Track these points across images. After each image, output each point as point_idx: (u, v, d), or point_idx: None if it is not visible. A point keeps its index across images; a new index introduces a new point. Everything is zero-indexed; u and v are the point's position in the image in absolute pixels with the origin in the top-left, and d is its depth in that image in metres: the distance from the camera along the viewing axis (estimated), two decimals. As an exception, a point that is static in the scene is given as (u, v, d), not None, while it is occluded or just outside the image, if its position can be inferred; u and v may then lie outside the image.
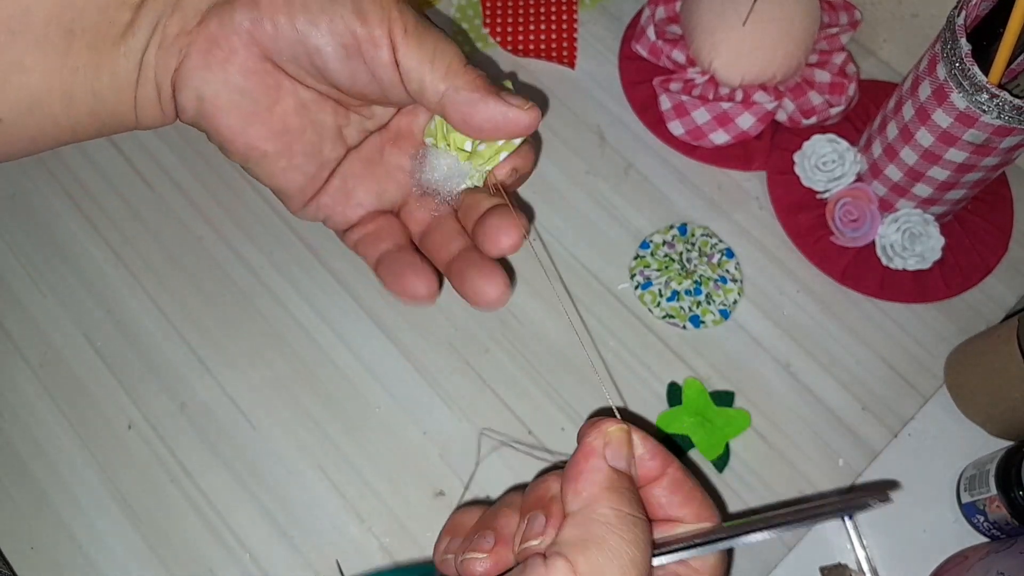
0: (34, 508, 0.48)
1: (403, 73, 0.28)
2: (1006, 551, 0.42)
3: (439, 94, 0.29)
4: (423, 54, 0.28)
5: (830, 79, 0.57)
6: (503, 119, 0.29)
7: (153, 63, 0.27)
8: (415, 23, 0.28)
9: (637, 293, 0.54)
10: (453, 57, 0.29)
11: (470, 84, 0.29)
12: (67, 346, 0.52)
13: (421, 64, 0.28)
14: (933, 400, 0.51)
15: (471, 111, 0.29)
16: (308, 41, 0.27)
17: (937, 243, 0.52)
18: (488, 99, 0.29)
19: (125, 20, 0.26)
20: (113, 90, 0.27)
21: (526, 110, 0.29)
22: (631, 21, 0.63)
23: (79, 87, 0.26)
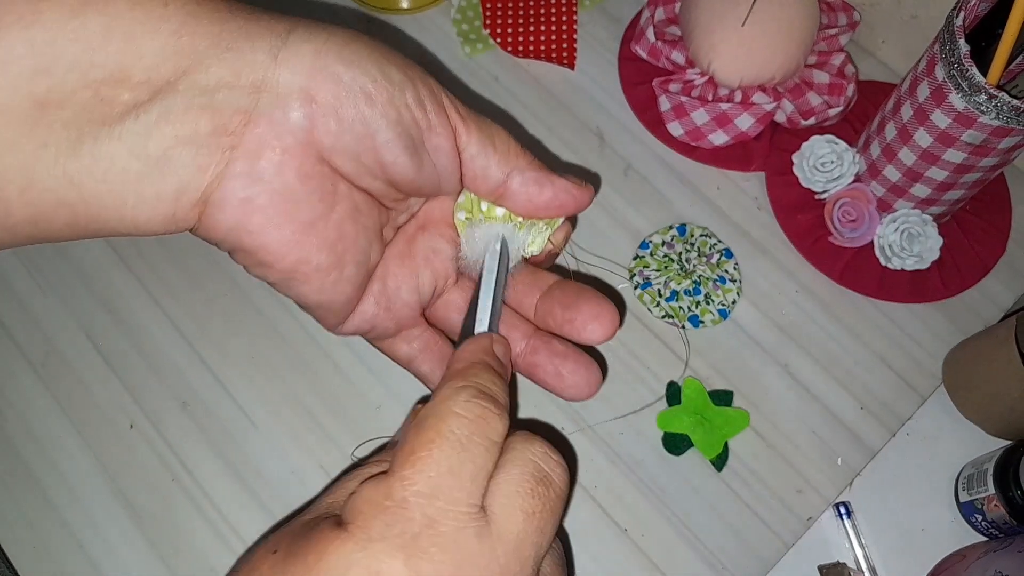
0: (36, 507, 0.48)
1: (466, 160, 0.27)
2: (1004, 550, 0.42)
3: (503, 177, 0.28)
4: (484, 139, 0.27)
5: (829, 80, 0.57)
6: (567, 197, 0.29)
7: (178, 161, 0.23)
8: (466, 108, 0.27)
9: (636, 293, 0.54)
10: (509, 139, 0.28)
11: (532, 165, 0.28)
12: (69, 345, 0.52)
13: (484, 149, 0.27)
14: (931, 400, 0.52)
15: (537, 191, 0.28)
16: (377, 136, 0.25)
17: (935, 243, 0.52)
18: (553, 179, 0.29)
19: (125, 101, 0.22)
20: (96, 179, 0.22)
21: (582, 188, 0.29)
22: (630, 22, 0.63)
23: (44, 169, 0.21)
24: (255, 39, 0.23)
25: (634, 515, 0.48)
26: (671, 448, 0.50)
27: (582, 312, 0.29)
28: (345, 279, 0.27)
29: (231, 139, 0.23)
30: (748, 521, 0.48)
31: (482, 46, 0.62)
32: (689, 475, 0.49)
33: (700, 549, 0.47)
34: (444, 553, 0.21)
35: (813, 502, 0.49)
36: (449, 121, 0.26)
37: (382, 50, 0.25)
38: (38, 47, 0.21)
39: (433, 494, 0.22)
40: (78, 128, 0.22)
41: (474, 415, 0.24)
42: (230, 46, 0.23)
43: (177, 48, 0.22)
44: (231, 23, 0.23)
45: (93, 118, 0.22)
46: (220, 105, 0.23)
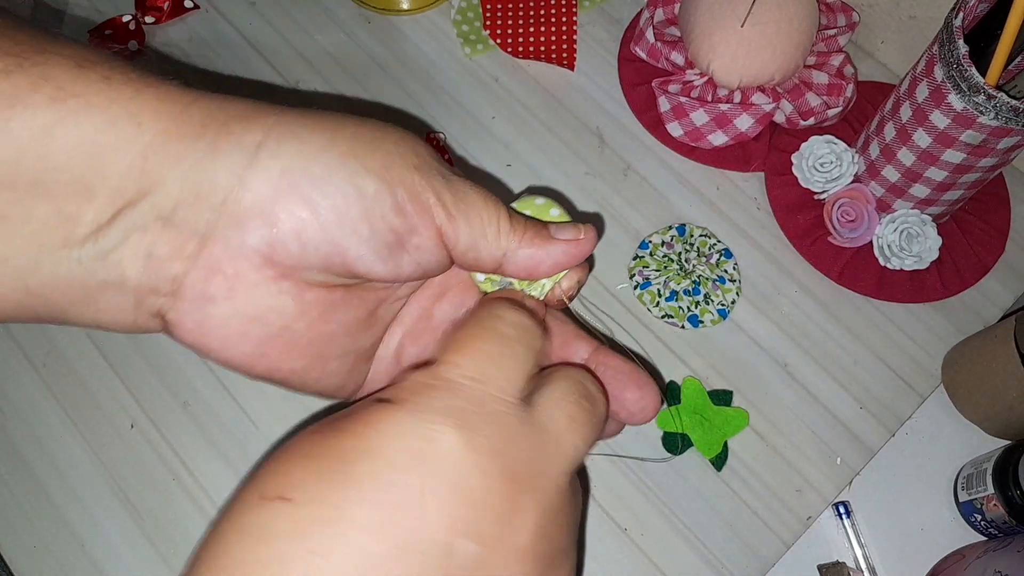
0: (36, 507, 0.48)
1: (456, 255, 0.26)
2: (1003, 549, 0.42)
3: (496, 262, 0.27)
4: (473, 230, 0.26)
5: (828, 80, 0.57)
6: (567, 258, 0.28)
7: (133, 281, 0.23)
8: (452, 197, 0.25)
9: (636, 293, 0.54)
10: (499, 218, 0.27)
11: (524, 240, 0.27)
12: (69, 345, 0.52)
13: (474, 241, 0.26)
14: (930, 399, 0.52)
15: (535, 264, 0.27)
16: (348, 252, 0.24)
17: (934, 243, 0.52)
18: (547, 247, 0.27)
19: (87, 223, 0.22)
20: (55, 291, 0.22)
21: (580, 241, 0.28)
22: (630, 23, 0.64)
23: (5, 278, 0.22)
24: (220, 157, 0.22)
25: (634, 515, 0.48)
26: (671, 448, 0.50)
27: (627, 406, 0.29)
28: (329, 373, 0.27)
29: (184, 263, 0.23)
30: (747, 520, 0.48)
31: (482, 47, 0.62)
32: (689, 475, 0.49)
33: (700, 549, 0.47)
34: (492, 429, 0.21)
35: (812, 502, 0.49)
36: (434, 220, 0.25)
37: (359, 154, 0.24)
38: (3, 161, 0.21)
39: (482, 379, 0.22)
40: (37, 247, 0.22)
41: (517, 320, 0.25)
42: (194, 166, 0.22)
43: (143, 170, 0.22)
44: (201, 140, 0.22)
45: (54, 238, 0.22)
46: (179, 226, 0.23)
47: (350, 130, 0.24)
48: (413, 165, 0.25)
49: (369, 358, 0.29)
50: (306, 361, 0.26)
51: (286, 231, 0.23)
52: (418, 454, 0.20)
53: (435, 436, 0.21)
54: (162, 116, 0.22)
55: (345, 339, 0.27)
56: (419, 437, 0.20)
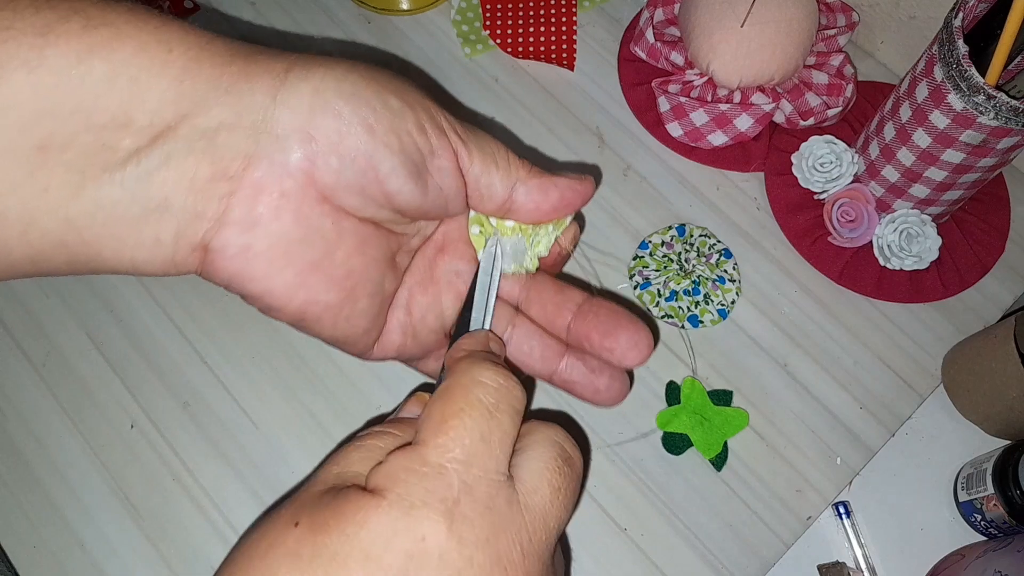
0: (36, 507, 0.48)
1: (470, 181, 0.28)
2: (1003, 549, 0.43)
3: (507, 192, 0.28)
4: (485, 157, 0.28)
5: (828, 80, 0.57)
6: (572, 195, 0.29)
7: (177, 206, 0.23)
8: (462, 127, 0.27)
9: (636, 293, 0.54)
10: (507, 153, 0.28)
11: (532, 173, 0.29)
12: (70, 345, 0.52)
13: (486, 168, 0.28)
14: (930, 399, 0.52)
15: (542, 198, 0.29)
16: (380, 167, 0.24)
17: (934, 243, 0.52)
18: (554, 181, 0.29)
19: (127, 147, 0.22)
20: (95, 222, 0.22)
21: (584, 181, 0.30)
22: (630, 23, 0.64)
23: (44, 211, 0.21)
24: (254, 80, 0.23)
25: (634, 515, 0.48)
26: (671, 448, 0.50)
27: (620, 341, 0.29)
28: (359, 313, 0.27)
29: (230, 184, 0.23)
30: (747, 520, 0.48)
31: (482, 47, 0.62)
32: (689, 475, 0.49)
33: (700, 549, 0.48)
34: (482, 519, 0.21)
35: (812, 502, 0.49)
36: (450, 143, 0.27)
37: (380, 79, 0.25)
38: (42, 92, 0.21)
39: (469, 461, 0.22)
40: (80, 173, 0.22)
41: (499, 384, 0.24)
42: (230, 88, 0.23)
43: (179, 93, 0.22)
44: (231, 66, 0.23)
45: (95, 163, 0.22)
46: (220, 149, 0.23)
47: (369, 67, 0.26)
48: (426, 97, 0.27)
49: (388, 304, 0.29)
50: (342, 295, 0.26)
51: (324, 146, 0.24)
52: (410, 554, 0.20)
53: (426, 533, 0.21)
54: (191, 44, 0.23)
55: (376, 276, 0.28)
56: (410, 536, 0.20)
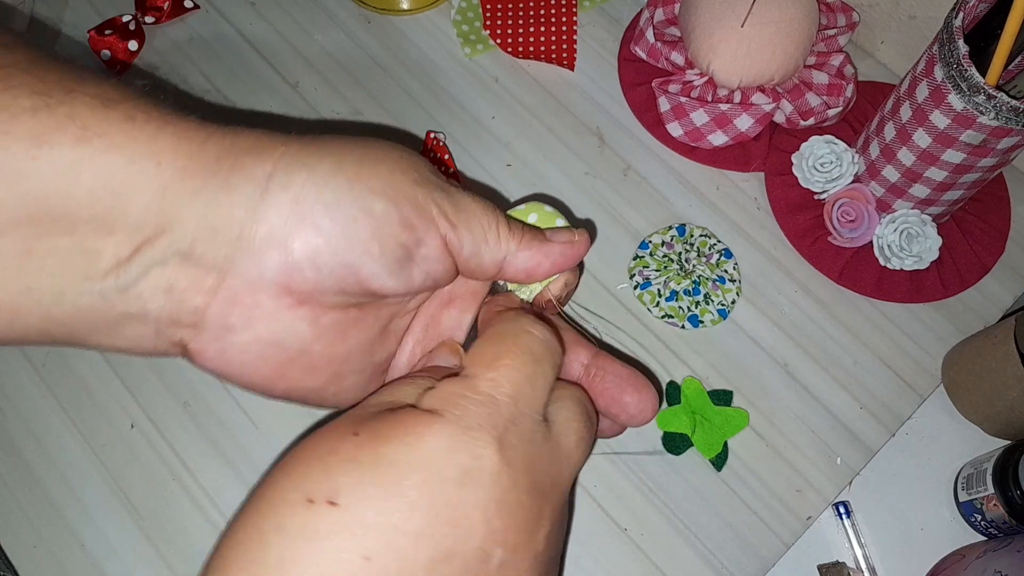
0: (37, 507, 0.48)
1: (460, 262, 0.27)
2: (1003, 549, 0.43)
3: (497, 266, 0.28)
4: (475, 236, 0.27)
5: (828, 81, 0.57)
6: (564, 260, 0.29)
7: (154, 313, 0.24)
8: (452, 206, 0.27)
9: (636, 293, 0.54)
10: (498, 223, 0.28)
11: (523, 244, 0.29)
12: (69, 345, 0.52)
13: (476, 247, 0.27)
14: (930, 399, 0.52)
15: (533, 267, 0.29)
16: (361, 272, 0.25)
17: (934, 244, 0.52)
18: (545, 249, 0.29)
19: (109, 257, 0.23)
20: (77, 320, 0.23)
21: (575, 243, 0.30)
22: (630, 23, 0.64)
23: (28, 309, 0.23)
24: (235, 192, 0.23)
25: (634, 515, 0.48)
26: (671, 448, 0.50)
27: (628, 408, 0.30)
28: (346, 389, 0.28)
29: (204, 296, 0.24)
30: (747, 520, 0.48)
31: (482, 47, 0.62)
32: (689, 475, 0.49)
33: (700, 549, 0.48)
34: (524, 448, 0.23)
35: (812, 502, 0.49)
36: (439, 230, 0.26)
37: (364, 175, 0.25)
38: (31, 199, 0.21)
39: (516, 396, 0.24)
40: (61, 280, 0.22)
41: (545, 336, 0.26)
42: (210, 202, 0.23)
43: (160, 208, 0.23)
44: (216, 177, 0.23)
45: (77, 272, 0.23)
46: (197, 262, 0.23)
47: (355, 154, 0.25)
48: (415, 181, 0.26)
49: (384, 370, 0.30)
50: (324, 380, 0.27)
51: (300, 259, 0.24)
52: (467, 470, 0.22)
53: (480, 453, 0.22)
54: (180, 154, 0.23)
55: (361, 356, 0.28)
56: (467, 453, 0.22)
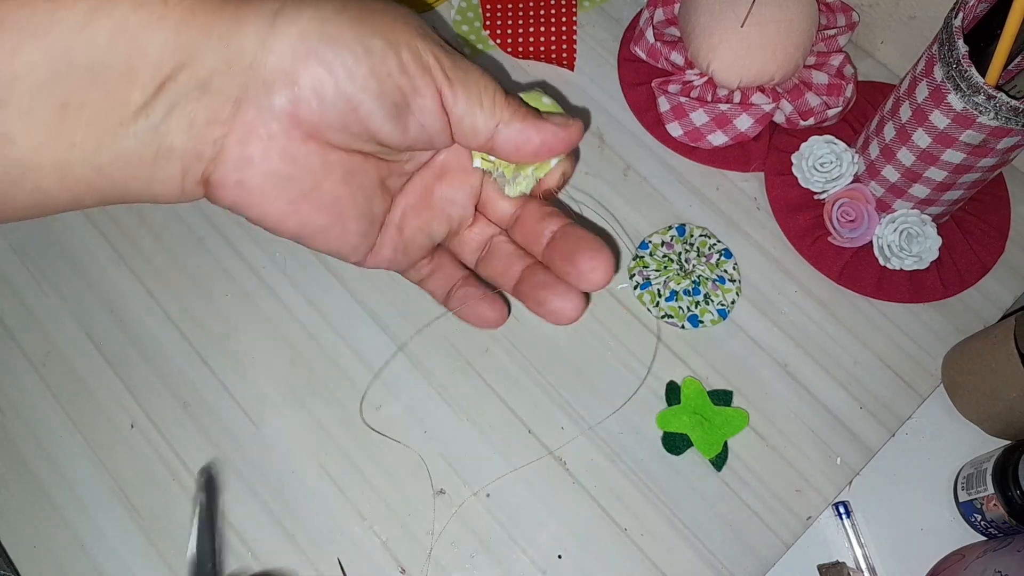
0: (37, 507, 0.48)
1: (453, 120, 0.28)
2: (1003, 549, 0.43)
3: (489, 132, 0.29)
4: (470, 96, 0.28)
5: (828, 81, 0.57)
6: (555, 140, 0.30)
7: (180, 149, 0.25)
8: (451, 63, 0.28)
9: (636, 293, 0.54)
10: (495, 91, 0.29)
11: (517, 115, 0.29)
12: (70, 345, 0.52)
13: (470, 107, 0.28)
14: (930, 399, 0.52)
15: (523, 141, 0.29)
16: (360, 109, 0.26)
17: (934, 243, 0.52)
18: (538, 125, 0.30)
19: (136, 101, 0.24)
20: (119, 168, 0.25)
21: (569, 127, 0.30)
22: (630, 23, 0.64)
23: (76, 162, 0.24)
24: (244, 25, 0.25)
25: (634, 515, 0.48)
26: (671, 448, 0.50)
27: (579, 265, 0.31)
28: (349, 232, 0.30)
29: (222, 127, 0.25)
30: (747, 521, 0.48)
31: (482, 47, 0.62)
32: (689, 475, 0.49)
33: (700, 549, 0.48)
34: None
35: (812, 502, 0.49)
36: (434, 83, 0.27)
37: (366, 19, 0.26)
38: (56, 54, 0.23)
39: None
40: (98, 128, 0.24)
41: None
42: (222, 35, 0.24)
43: (176, 44, 0.24)
44: (224, 12, 0.25)
45: (111, 118, 0.24)
46: (213, 95, 0.25)
47: (355, 5, 0.27)
48: (417, 32, 0.27)
49: (380, 224, 0.31)
50: (331, 219, 0.29)
51: (306, 90, 0.25)
52: None
53: None
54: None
55: (363, 202, 0.30)
56: None
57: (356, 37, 0.26)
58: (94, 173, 0.25)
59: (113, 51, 0.23)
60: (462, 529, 0.48)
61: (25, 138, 0.24)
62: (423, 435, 0.50)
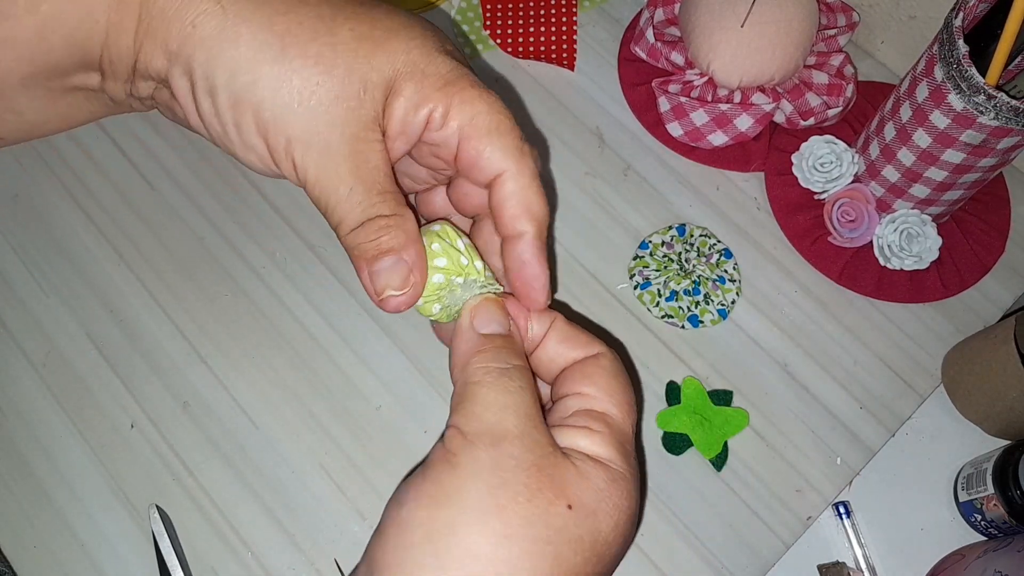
0: (36, 507, 0.48)
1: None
2: (1003, 549, 0.42)
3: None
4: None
5: (828, 80, 0.57)
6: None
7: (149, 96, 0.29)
8: None
9: (636, 293, 0.54)
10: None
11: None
12: (69, 345, 0.52)
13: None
14: (931, 399, 0.52)
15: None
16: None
17: (934, 244, 0.52)
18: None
19: (96, 83, 0.28)
20: (108, 108, 0.29)
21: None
22: (630, 23, 0.64)
23: (77, 112, 0.28)
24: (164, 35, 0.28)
25: (634, 515, 0.48)
26: (671, 448, 0.50)
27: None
28: None
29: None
30: (747, 520, 0.48)
31: (482, 47, 0.62)
32: (689, 475, 0.49)
33: (700, 549, 0.48)
34: None
35: (812, 502, 0.49)
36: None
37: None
38: (39, 61, 0.27)
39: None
40: (83, 101, 0.29)
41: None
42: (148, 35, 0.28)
43: (132, 48, 0.28)
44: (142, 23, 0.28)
45: (93, 98, 0.29)
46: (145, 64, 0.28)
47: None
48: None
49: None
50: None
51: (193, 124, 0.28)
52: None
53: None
54: (108, 9, 0.26)
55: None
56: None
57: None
58: (88, 115, 0.29)
59: (74, 50, 0.26)
60: (462, 529, 0.48)
61: (29, 108, 0.27)
62: (423, 435, 0.50)
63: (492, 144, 0.28)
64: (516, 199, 0.29)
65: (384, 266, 0.28)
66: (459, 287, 0.31)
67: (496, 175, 0.29)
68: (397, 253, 0.28)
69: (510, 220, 0.30)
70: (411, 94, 0.28)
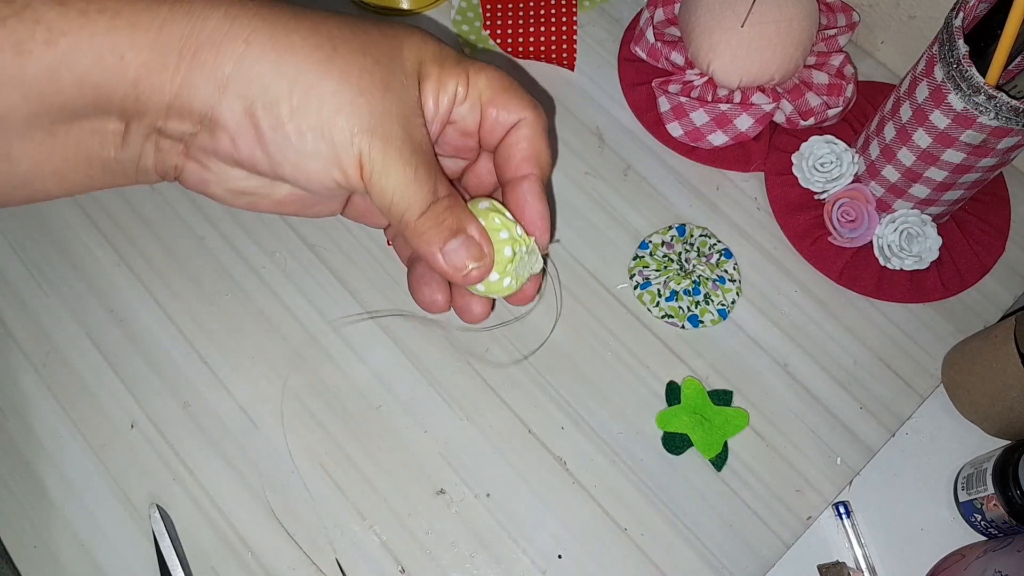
0: (37, 507, 0.48)
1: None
2: (1003, 549, 0.42)
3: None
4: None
5: (828, 80, 0.57)
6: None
7: (151, 166, 0.29)
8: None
9: (636, 293, 0.54)
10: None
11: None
12: (70, 345, 0.52)
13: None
14: (930, 399, 0.52)
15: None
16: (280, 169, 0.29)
17: (934, 243, 0.52)
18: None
19: (112, 129, 0.27)
20: (109, 176, 0.29)
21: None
22: (630, 23, 0.64)
23: (71, 170, 0.27)
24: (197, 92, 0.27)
25: (634, 515, 0.48)
26: (671, 448, 0.50)
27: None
28: (320, 210, 0.34)
29: (180, 158, 0.29)
30: (747, 520, 0.48)
31: (482, 47, 0.62)
32: (689, 475, 0.49)
33: (700, 549, 0.48)
34: None
35: (812, 502, 0.49)
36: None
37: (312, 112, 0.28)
38: (32, 97, 0.25)
39: None
40: (87, 149, 0.27)
41: None
42: (178, 94, 0.27)
43: (137, 97, 0.26)
44: (178, 75, 0.27)
45: (95, 144, 0.27)
46: (171, 135, 0.28)
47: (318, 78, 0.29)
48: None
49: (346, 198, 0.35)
50: (297, 207, 0.32)
51: (243, 152, 0.28)
52: None
53: None
54: (140, 47, 0.25)
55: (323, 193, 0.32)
56: None
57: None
58: (88, 178, 0.28)
59: (82, 96, 0.25)
60: (462, 529, 0.48)
61: (24, 156, 0.26)
62: (423, 435, 0.50)
63: (511, 98, 0.31)
64: (528, 143, 0.32)
65: (455, 246, 0.30)
66: (524, 256, 0.33)
67: (514, 123, 0.32)
68: (465, 231, 0.31)
69: (520, 161, 0.32)
70: (437, 75, 0.30)
